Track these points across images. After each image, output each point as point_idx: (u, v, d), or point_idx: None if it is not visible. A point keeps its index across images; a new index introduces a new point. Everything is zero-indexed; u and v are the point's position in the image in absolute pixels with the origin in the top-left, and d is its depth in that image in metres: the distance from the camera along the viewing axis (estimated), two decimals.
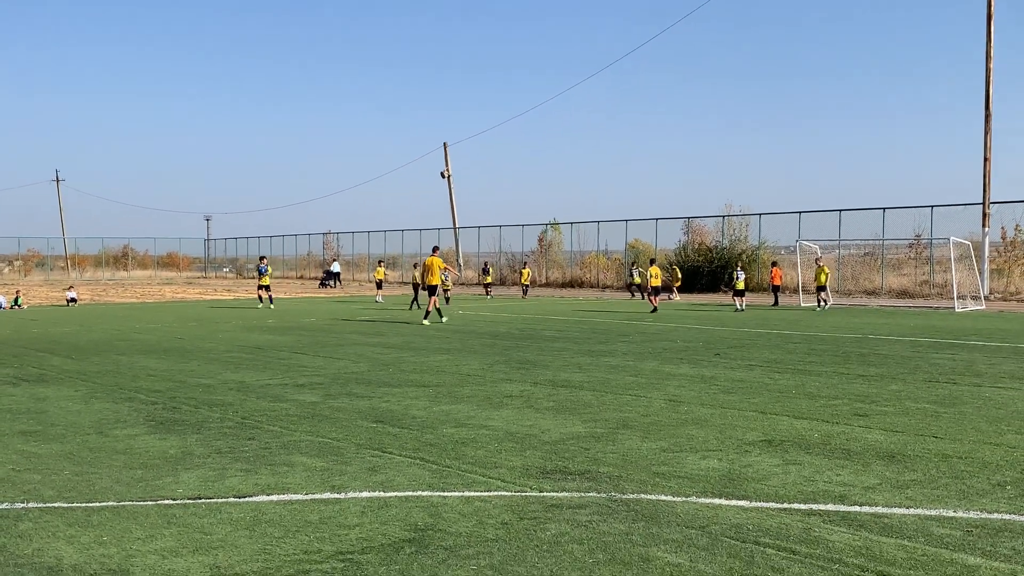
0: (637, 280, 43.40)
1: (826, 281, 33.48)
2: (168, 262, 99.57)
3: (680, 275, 41.73)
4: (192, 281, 76.15)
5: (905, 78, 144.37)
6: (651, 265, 34.34)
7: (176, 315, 30.96)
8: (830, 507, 6.53)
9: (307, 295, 49.11)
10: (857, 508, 6.50)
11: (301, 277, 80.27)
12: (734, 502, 6.67)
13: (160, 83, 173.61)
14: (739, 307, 32.50)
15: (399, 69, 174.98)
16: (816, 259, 37.03)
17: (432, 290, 25.52)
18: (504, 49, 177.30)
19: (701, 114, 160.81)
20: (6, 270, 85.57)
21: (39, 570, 5.22)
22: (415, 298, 32.38)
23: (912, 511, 6.42)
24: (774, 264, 35.72)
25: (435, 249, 26.47)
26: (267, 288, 36.87)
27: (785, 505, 6.58)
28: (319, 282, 63.95)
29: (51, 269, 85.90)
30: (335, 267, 64.99)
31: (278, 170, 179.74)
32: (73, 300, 39.22)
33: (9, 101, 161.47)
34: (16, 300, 37.57)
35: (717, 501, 6.70)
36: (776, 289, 33.68)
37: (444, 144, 67.87)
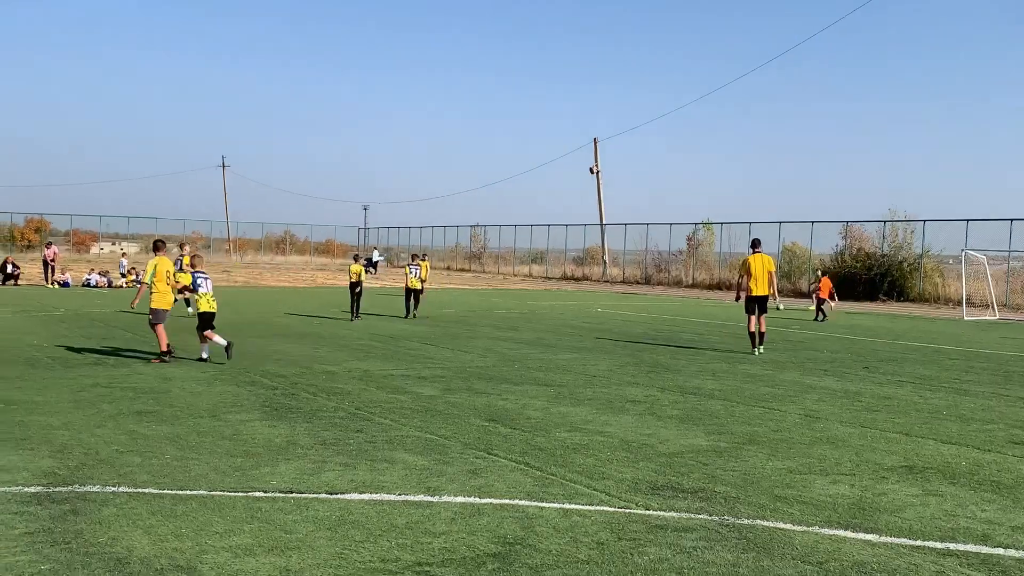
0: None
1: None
2: (324, 249, 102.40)
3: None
4: (345, 268, 77.99)
5: None
6: (822, 276, 32.19)
7: (321, 301, 31.52)
8: (970, 547, 5.79)
9: (451, 285, 49.45)
10: (1001, 551, 5.74)
11: (448, 268, 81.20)
12: (861, 535, 5.99)
13: (322, 75, 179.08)
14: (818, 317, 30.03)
15: (551, 64, 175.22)
16: (816, 270, 34.38)
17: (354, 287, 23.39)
18: (656, 44, 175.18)
19: (865, 114, 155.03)
20: (175, 250, 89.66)
21: (107, 561, 5.05)
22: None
23: None
24: (824, 274, 32.24)
25: (356, 258, 25.05)
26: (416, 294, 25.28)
27: (919, 543, 5.87)
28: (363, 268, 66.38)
29: (215, 251, 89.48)
30: (375, 255, 68.92)
31: (431, 163, 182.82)
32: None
33: (180, 88, 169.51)
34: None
35: (842, 533, 6.03)
36: (821, 302, 30.62)
37: (594, 140, 67.28)
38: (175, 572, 4.92)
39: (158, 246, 15.24)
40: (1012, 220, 42.31)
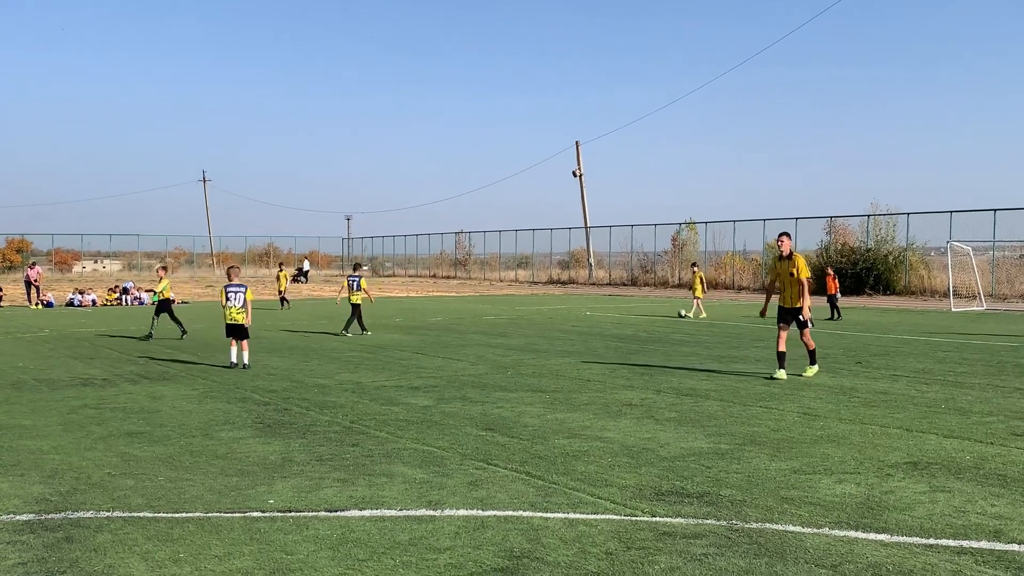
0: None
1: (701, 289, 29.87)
2: (309, 260, 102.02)
3: (703, 283, 30.31)
4: (329, 279, 77.64)
5: None
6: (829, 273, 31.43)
7: (308, 313, 31.30)
8: (984, 544, 5.69)
9: (438, 293, 49.26)
10: (1016, 547, 5.64)
11: (434, 276, 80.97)
12: (872, 536, 5.89)
13: (301, 86, 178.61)
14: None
15: (532, 68, 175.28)
16: (693, 264, 33.71)
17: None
18: (636, 46, 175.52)
19: (844, 108, 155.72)
20: (157, 266, 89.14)
21: None
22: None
23: None
24: (827, 272, 31.71)
25: (280, 266, 24.30)
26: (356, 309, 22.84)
27: (932, 541, 5.77)
28: (292, 278, 68.31)
29: (198, 266, 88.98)
30: (305, 265, 72.26)
31: (413, 170, 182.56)
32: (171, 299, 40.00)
33: (159, 105, 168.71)
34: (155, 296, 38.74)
35: (853, 534, 5.92)
36: (833, 299, 29.18)
37: (576, 143, 67.29)
38: None
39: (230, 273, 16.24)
40: (995, 210, 42.48)
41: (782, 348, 13.87)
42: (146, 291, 39.09)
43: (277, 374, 14.23)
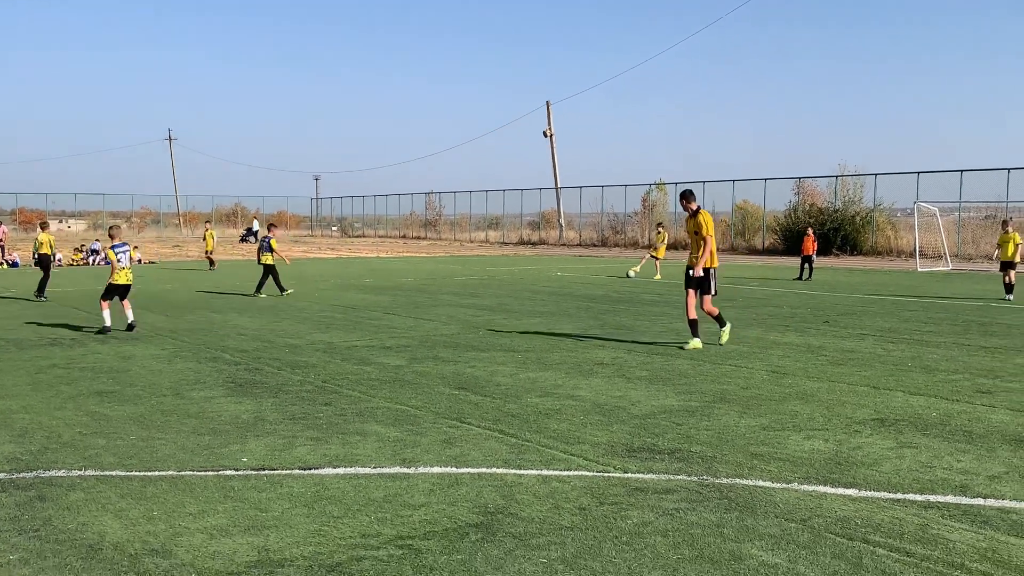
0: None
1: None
2: (277, 220, 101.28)
3: (664, 239, 30.71)
4: (298, 239, 77.20)
5: None
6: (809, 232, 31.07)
7: (243, 275, 31.10)
8: (950, 499, 5.80)
9: (408, 254, 49.14)
10: (981, 501, 5.75)
11: (404, 237, 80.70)
12: (841, 490, 5.98)
13: (268, 45, 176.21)
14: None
15: (502, 28, 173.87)
16: (659, 224, 33.84)
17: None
18: (608, 6, 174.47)
19: (812, 69, 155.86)
20: (124, 226, 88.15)
21: (78, 548, 4.88)
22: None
23: None
24: (807, 232, 30.30)
25: (43, 226, 23.12)
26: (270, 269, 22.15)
27: (899, 496, 5.87)
28: (241, 238, 69.29)
29: (164, 226, 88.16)
30: (255, 225, 71.22)
31: (384, 130, 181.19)
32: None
33: (124, 61, 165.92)
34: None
35: (822, 489, 6.02)
36: (809, 259, 28.72)
37: (547, 103, 67.01)
38: (150, 556, 4.77)
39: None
40: (962, 171, 42.87)
41: (692, 315, 12.66)
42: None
43: (247, 334, 14.17)
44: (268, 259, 22.03)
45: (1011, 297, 20.81)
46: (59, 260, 38.01)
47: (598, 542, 5.00)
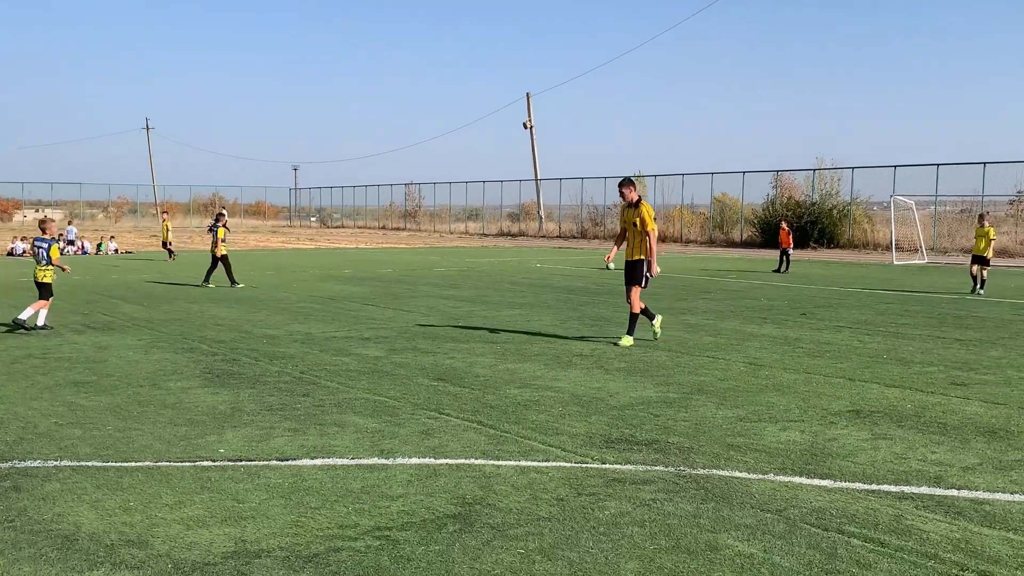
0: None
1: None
2: (255, 211, 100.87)
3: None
4: (277, 230, 76.89)
5: (1010, 25, 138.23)
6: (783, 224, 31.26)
7: (255, 264, 31.01)
8: (924, 490, 5.85)
9: (387, 245, 49.03)
10: (955, 492, 5.81)
11: (383, 227, 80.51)
12: (816, 481, 6.03)
13: (248, 33, 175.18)
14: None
15: (483, 18, 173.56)
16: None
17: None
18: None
19: (792, 64, 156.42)
20: (100, 216, 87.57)
21: (54, 538, 4.86)
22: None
23: (1018, 497, 5.72)
24: (781, 226, 30.56)
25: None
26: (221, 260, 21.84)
27: (874, 487, 5.92)
28: (208, 228, 66.28)
29: (142, 216, 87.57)
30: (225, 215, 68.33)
31: (364, 121, 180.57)
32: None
33: (101, 50, 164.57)
34: (99, 245, 38.09)
35: (797, 480, 6.06)
36: (786, 252, 28.77)
37: (527, 94, 66.93)
38: (126, 547, 4.75)
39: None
40: (938, 165, 43.16)
41: (639, 305, 12.21)
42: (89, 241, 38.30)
43: (225, 325, 14.11)
44: (222, 250, 21.60)
45: (983, 292, 20.88)
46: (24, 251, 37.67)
47: (575, 532, 5.02)
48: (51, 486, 5.79)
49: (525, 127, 67.16)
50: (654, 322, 12.41)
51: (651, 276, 12.17)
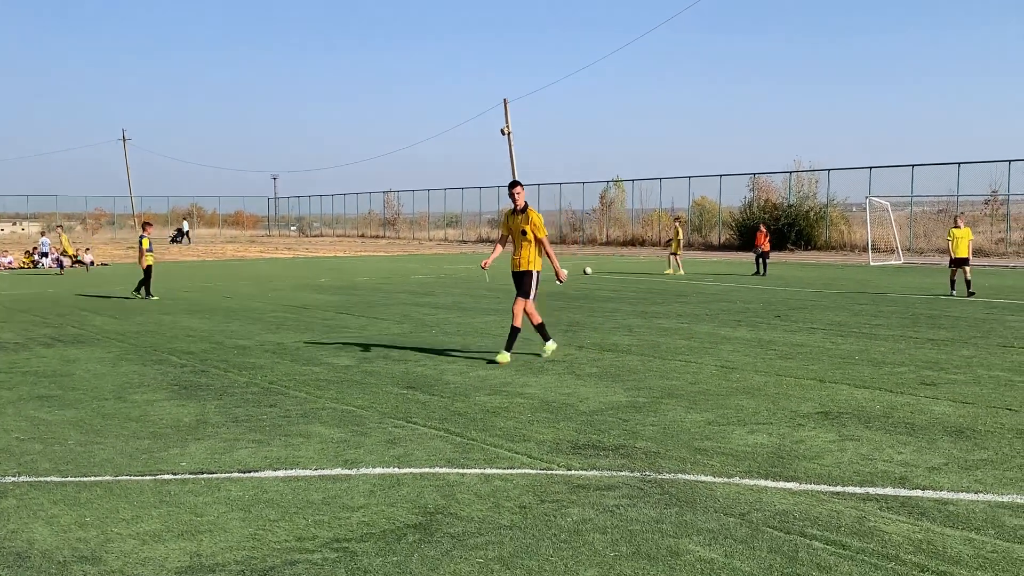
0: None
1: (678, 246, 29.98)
2: (234, 220, 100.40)
3: (679, 236, 30.96)
4: (256, 239, 76.59)
5: (983, 24, 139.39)
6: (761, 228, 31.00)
7: (231, 273, 30.84)
8: (888, 491, 5.84)
9: (365, 253, 48.88)
10: (919, 492, 5.80)
11: (363, 236, 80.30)
12: (781, 484, 6.00)
13: (222, 43, 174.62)
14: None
15: (460, 26, 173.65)
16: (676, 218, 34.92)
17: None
18: (564, 3, 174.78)
19: (767, 67, 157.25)
20: (78, 228, 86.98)
21: (6, 556, 4.77)
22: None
23: (981, 496, 5.71)
24: (760, 228, 30.00)
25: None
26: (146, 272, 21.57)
27: (838, 488, 5.90)
28: (171, 239, 67.97)
29: (119, 228, 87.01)
30: (185, 226, 70.39)
31: (341, 129, 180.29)
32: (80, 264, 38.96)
33: (75, 62, 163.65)
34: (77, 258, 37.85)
35: (762, 483, 6.03)
36: (764, 255, 28.35)
37: (504, 100, 66.84)
38: (79, 563, 4.67)
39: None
40: (913, 166, 43.43)
41: (536, 319, 11.47)
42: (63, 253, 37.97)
43: (196, 335, 14.00)
44: (148, 260, 21.40)
45: (975, 292, 20.23)
46: (10, 264, 37.38)
47: (536, 540, 4.97)
48: (7, 502, 5.70)
49: (503, 133, 67.00)
50: (547, 344, 11.44)
51: (561, 282, 11.62)
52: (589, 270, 29.15)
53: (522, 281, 11.26)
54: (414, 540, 5.00)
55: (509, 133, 66.94)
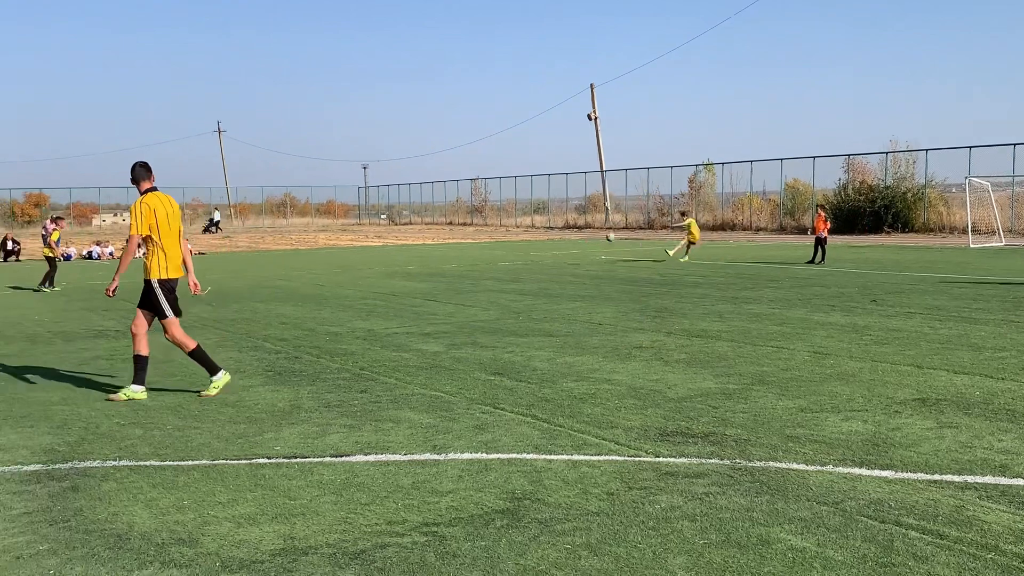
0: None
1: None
2: (326, 210, 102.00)
3: (695, 230, 29.52)
4: (347, 228, 77.73)
5: None
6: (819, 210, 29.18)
7: (324, 262, 31.37)
8: (988, 479, 5.66)
9: (453, 240, 49.23)
10: (1020, 481, 5.61)
11: (450, 223, 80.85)
12: (877, 472, 5.86)
13: (316, 35, 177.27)
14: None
15: (545, 11, 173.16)
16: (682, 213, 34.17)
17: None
18: None
19: (863, 45, 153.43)
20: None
21: (106, 538, 4.94)
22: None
23: None
24: (818, 212, 28.23)
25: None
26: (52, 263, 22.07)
27: (936, 477, 5.74)
28: (203, 229, 69.13)
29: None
30: (216, 216, 72.31)
31: (429, 118, 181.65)
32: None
33: (174, 56, 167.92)
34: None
35: (857, 471, 5.90)
36: (821, 241, 26.11)
37: (591, 85, 66.57)
38: (177, 546, 4.81)
39: None
40: (1015, 145, 41.91)
41: (141, 349, 8.88)
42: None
43: (290, 322, 14.28)
44: (47, 252, 21.94)
45: None
46: (112, 253, 38.59)
47: (624, 527, 4.95)
48: (108, 486, 5.90)
49: (589, 118, 66.77)
50: (215, 378, 8.76)
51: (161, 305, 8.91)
52: (612, 236, 28.58)
53: (146, 296, 9.08)
54: (502, 525, 5.02)
55: (596, 118, 66.66)
